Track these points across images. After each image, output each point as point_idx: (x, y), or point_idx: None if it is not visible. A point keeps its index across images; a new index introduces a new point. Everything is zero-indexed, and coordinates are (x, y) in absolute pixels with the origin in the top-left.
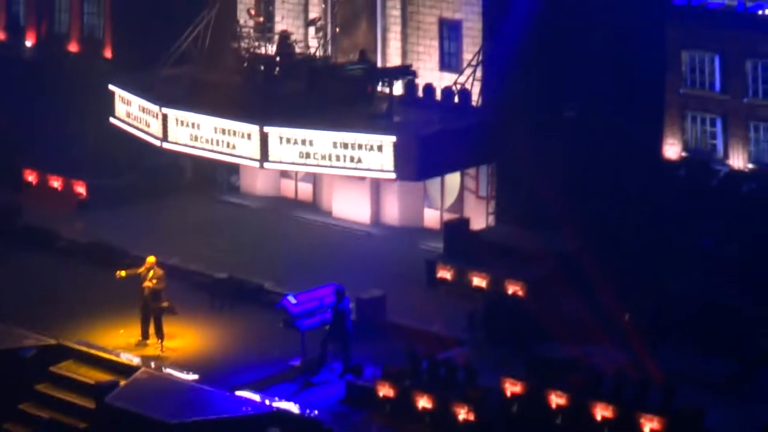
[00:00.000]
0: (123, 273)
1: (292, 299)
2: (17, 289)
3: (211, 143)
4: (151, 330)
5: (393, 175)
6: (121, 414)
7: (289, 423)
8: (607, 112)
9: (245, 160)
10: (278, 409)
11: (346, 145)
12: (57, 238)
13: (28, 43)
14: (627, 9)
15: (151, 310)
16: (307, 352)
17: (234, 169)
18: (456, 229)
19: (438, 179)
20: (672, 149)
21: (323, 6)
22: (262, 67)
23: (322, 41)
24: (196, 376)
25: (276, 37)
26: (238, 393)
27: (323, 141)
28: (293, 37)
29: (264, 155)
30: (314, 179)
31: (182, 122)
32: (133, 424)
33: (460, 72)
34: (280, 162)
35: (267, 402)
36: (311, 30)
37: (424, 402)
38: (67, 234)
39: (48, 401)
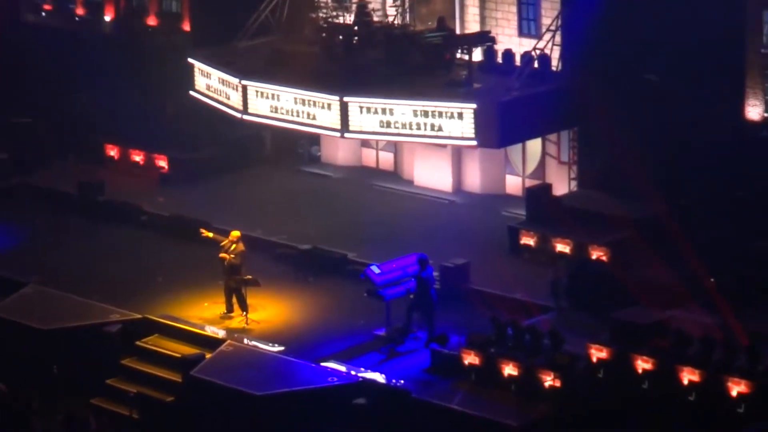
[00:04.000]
0: (208, 234)
1: (375, 269)
2: (101, 265)
3: (292, 114)
4: (236, 303)
5: (474, 143)
6: (207, 387)
7: (375, 393)
8: (689, 74)
9: (326, 130)
10: (364, 379)
11: (426, 114)
12: (139, 212)
13: (107, 18)
14: None
15: (233, 284)
16: (392, 322)
17: (315, 139)
18: (538, 195)
19: (519, 145)
20: (754, 110)
21: None
22: (341, 37)
23: (400, 9)
24: (281, 348)
25: (354, 7)
26: (323, 364)
27: (403, 110)
28: (371, 6)
29: (344, 125)
30: (395, 148)
31: (262, 94)
32: (220, 397)
33: (539, 37)
34: (361, 132)
35: (352, 372)
36: None
37: (509, 369)
38: (150, 208)
39: (134, 376)
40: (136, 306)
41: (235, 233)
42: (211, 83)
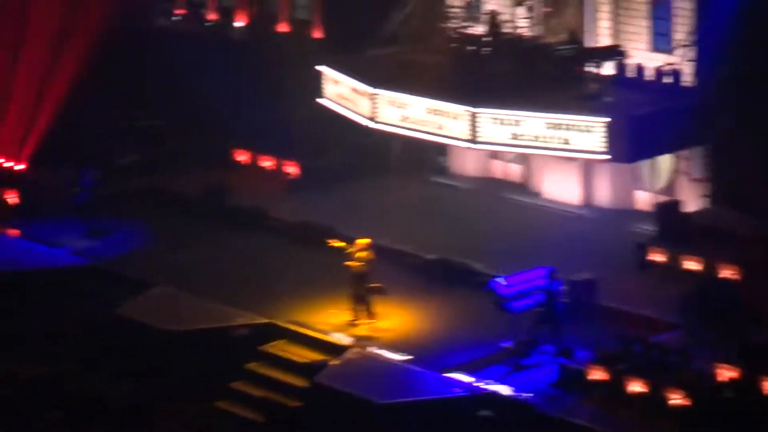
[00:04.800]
0: (337, 243)
1: (502, 281)
2: (229, 269)
3: (421, 124)
4: (362, 310)
5: (604, 157)
6: (332, 393)
7: (500, 405)
8: None
9: (454, 140)
10: (489, 391)
11: (556, 126)
12: (267, 217)
13: (238, 24)
14: None
15: (359, 291)
16: (519, 335)
17: (443, 149)
18: (668, 212)
19: (649, 160)
20: None
21: None
22: (471, 48)
23: (531, 21)
24: (406, 357)
25: (485, 18)
26: (448, 374)
27: (533, 122)
28: (502, 17)
29: (473, 136)
30: (524, 160)
31: (392, 103)
32: (344, 404)
33: (672, 52)
34: (490, 143)
35: (478, 384)
36: (520, 10)
37: (636, 386)
38: (278, 214)
39: (260, 380)
40: (263, 310)
41: (363, 241)
42: (340, 91)
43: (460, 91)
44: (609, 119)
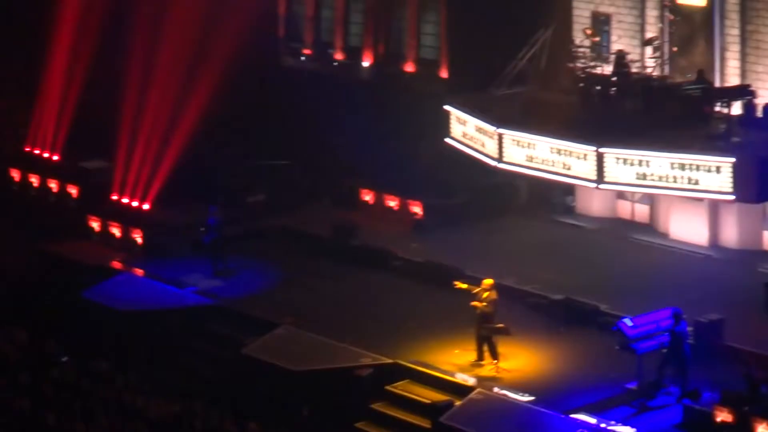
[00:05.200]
0: (463, 285)
1: (628, 321)
2: (354, 308)
3: (547, 163)
4: (487, 351)
5: (732, 197)
6: None
7: None
8: None
9: (581, 180)
10: None
11: (683, 167)
12: (393, 257)
13: (365, 64)
14: None
15: (484, 331)
16: (644, 376)
17: (569, 189)
18: None
19: None
20: None
21: (660, 25)
22: (598, 87)
23: (658, 61)
24: (531, 398)
25: (612, 57)
26: (573, 416)
27: (660, 162)
28: (629, 57)
29: (600, 176)
30: (651, 200)
31: (518, 143)
32: None
33: None
34: (616, 183)
35: (603, 425)
36: (648, 49)
37: (763, 428)
38: (403, 253)
39: (384, 420)
40: (387, 351)
41: (488, 281)
42: (467, 131)
43: (587, 131)
44: (736, 159)
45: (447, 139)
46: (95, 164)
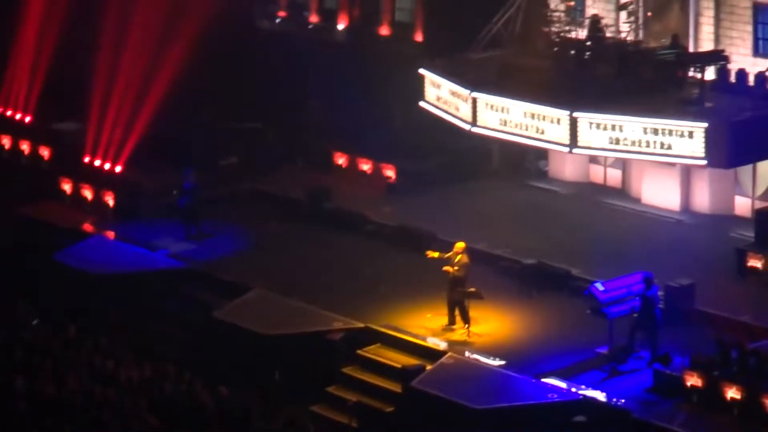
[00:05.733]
0: (434, 254)
1: (600, 286)
2: (325, 272)
3: (520, 128)
4: (458, 315)
5: (704, 162)
6: (427, 398)
7: (595, 411)
8: None
9: (554, 145)
10: (585, 396)
11: (656, 131)
12: (365, 221)
13: (340, 26)
14: None
15: (456, 296)
16: (615, 340)
17: (542, 154)
18: None
19: (750, 166)
20: None
21: None
22: (573, 52)
23: (633, 26)
24: (502, 362)
25: (587, 22)
26: (544, 380)
27: (633, 127)
28: (604, 22)
29: (573, 140)
30: (623, 165)
31: (492, 107)
32: (439, 409)
33: None
34: (589, 147)
35: (573, 390)
36: (622, 14)
37: (733, 392)
38: (376, 217)
39: (355, 384)
40: (359, 315)
41: (460, 245)
42: (441, 94)
43: (561, 95)
44: (709, 124)
45: (421, 103)
46: (68, 126)
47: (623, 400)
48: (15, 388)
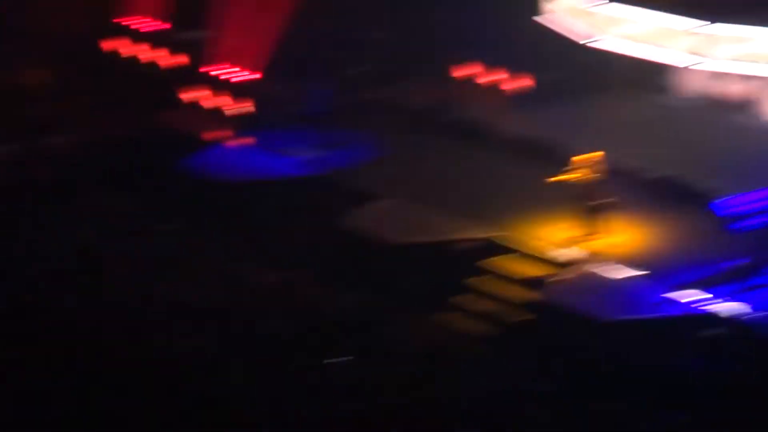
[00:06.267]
0: (567, 175)
1: (731, 201)
2: (453, 183)
3: (648, 40)
4: (592, 225)
5: None
6: (561, 309)
7: (727, 325)
8: None
9: (679, 59)
10: (717, 311)
11: None
12: (490, 133)
13: None
14: None
15: (589, 206)
16: (747, 255)
17: (669, 68)
18: None
19: None
20: None
21: None
22: None
23: None
24: (637, 273)
25: None
26: (678, 292)
27: (761, 40)
28: None
29: (698, 54)
30: (750, 80)
31: (613, 20)
32: (573, 319)
33: None
34: (715, 61)
35: (705, 302)
36: None
37: None
38: (500, 129)
39: (485, 294)
40: (489, 225)
41: (595, 155)
42: (557, 8)
43: (690, 8)
44: None
45: (537, 18)
46: (198, 35)
47: (756, 314)
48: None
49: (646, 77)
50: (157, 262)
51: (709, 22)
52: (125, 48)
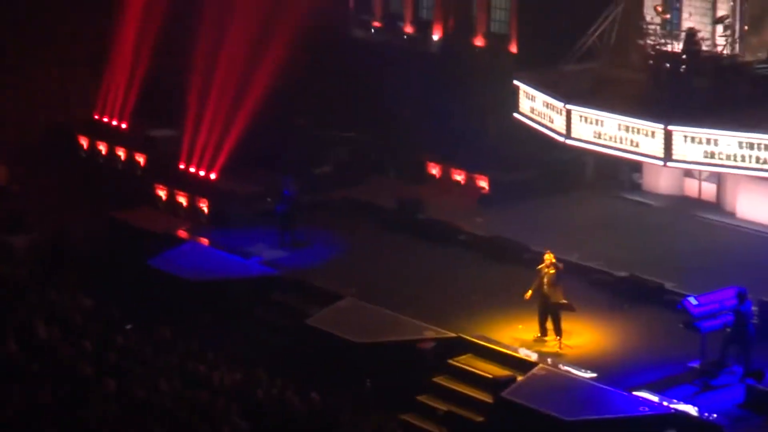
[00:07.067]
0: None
1: (693, 300)
2: (418, 282)
3: (615, 140)
4: (550, 327)
5: None
6: (517, 409)
7: (686, 425)
8: None
9: (648, 158)
10: (676, 410)
11: (752, 146)
12: (458, 231)
13: (435, 37)
14: None
15: (547, 307)
16: (707, 355)
17: (636, 166)
18: None
19: None
20: None
21: (731, 3)
22: (668, 65)
23: (729, 39)
24: (593, 375)
25: (682, 35)
26: (635, 393)
27: (729, 141)
28: (700, 35)
29: (668, 154)
30: (718, 179)
31: (586, 119)
32: (529, 420)
33: None
34: (684, 161)
35: (665, 403)
36: (719, 28)
37: None
38: (468, 228)
39: (445, 394)
40: (450, 324)
41: (548, 256)
42: (535, 106)
43: (656, 109)
44: None
45: (515, 114)
46: (163, 133)
47: (715, 415)
48: (107, 390)
49: (616, 175)
50: (115, 359)
51: (676, 123)
52: (93, 144)
